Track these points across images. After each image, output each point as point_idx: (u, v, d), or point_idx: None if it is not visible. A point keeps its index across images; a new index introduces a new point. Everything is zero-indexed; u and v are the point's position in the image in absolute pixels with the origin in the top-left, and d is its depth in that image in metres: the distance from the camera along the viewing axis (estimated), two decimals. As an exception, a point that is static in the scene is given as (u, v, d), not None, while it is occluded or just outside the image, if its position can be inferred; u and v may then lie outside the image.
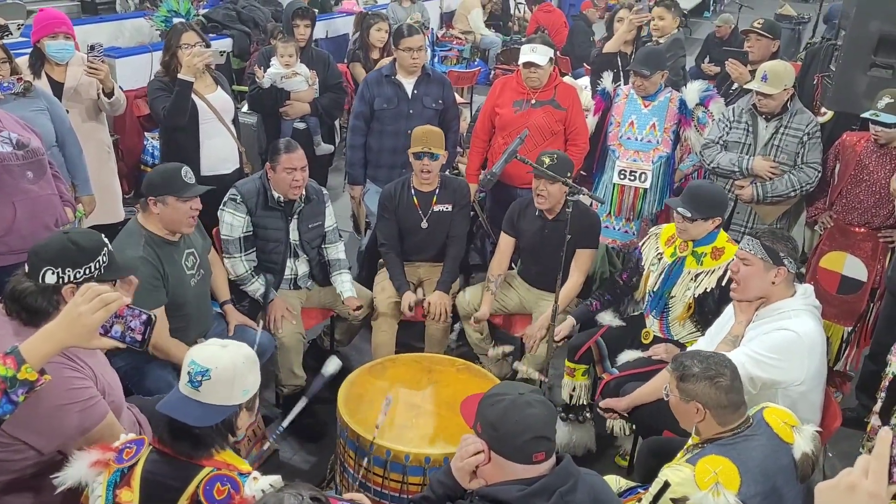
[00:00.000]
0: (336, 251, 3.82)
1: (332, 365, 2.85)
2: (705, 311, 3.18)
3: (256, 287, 3.56)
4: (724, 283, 3.10)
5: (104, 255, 2.13)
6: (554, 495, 1.78)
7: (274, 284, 3.62)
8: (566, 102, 4.15)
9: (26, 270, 2.06)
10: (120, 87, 5.65)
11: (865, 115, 3.57)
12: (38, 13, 3.79)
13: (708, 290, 3.14)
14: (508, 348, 3.63)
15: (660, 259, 3.32)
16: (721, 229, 3.22)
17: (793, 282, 2.70)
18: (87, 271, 2.08)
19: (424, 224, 3.86)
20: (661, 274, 3.29)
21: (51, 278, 2.03)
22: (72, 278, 2.05)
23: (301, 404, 2.73)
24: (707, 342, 2.90)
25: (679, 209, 3.11)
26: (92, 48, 3.67)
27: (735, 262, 2.73)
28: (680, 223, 3.17)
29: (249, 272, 3.56)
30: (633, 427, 3.25)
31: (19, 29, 5.19)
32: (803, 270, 4.12)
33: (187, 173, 2.96)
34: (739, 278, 2.70)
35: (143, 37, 6.50)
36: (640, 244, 3.50)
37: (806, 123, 3.80)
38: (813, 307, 2.69)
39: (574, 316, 3.56)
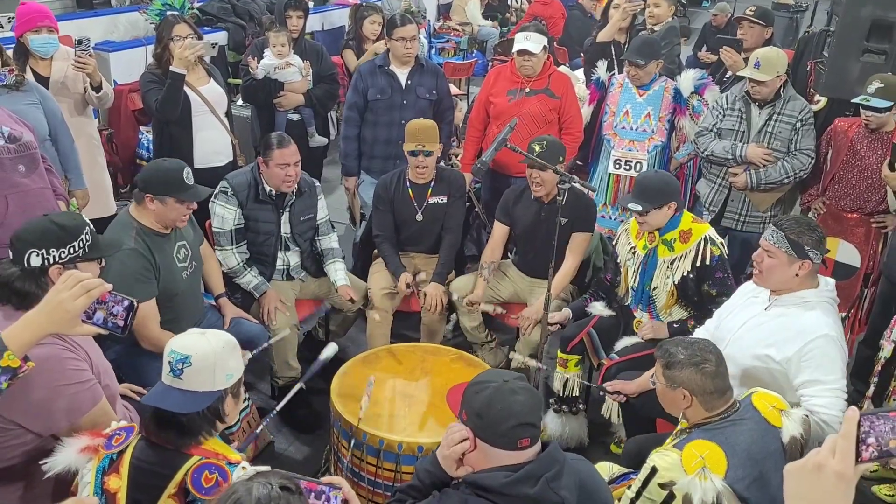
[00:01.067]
0: (329, 241, 3.81)
1: (330, 349, 2.87)
2: (689, 294, 3.18)
3: (249, 280, 3.55)
4: (698, 265, 3.11)
5: (87, 233, 2.14)
6: (539, 481, 1.78)
7: (266, 276, 3.62)
8: (560, 91, 4.15)
9: (11, 257, 2.07)
10: (115, 80, 5.67)
11: (856, 100, 3.57)
12: (19, 7, 3.74)
13: (685, 274, 3.14)
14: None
15: (633, 254, 3.31)
16: (683, 212, 3.19)
17: (816, 273, 2.65)
18: (72, 250, 2.09)
19: (419, 216, 3.86)
20: (637, 268, 3.28)
21: (36, 260, 2.04)
22: (57, 259, 2.07)
23: (295, 389, 2.74)
24: (703, 335, 2.89)
25: (630, 205, 3.10)
26: (79, 42, 3.66)
27: (759, 253, 2.67)
28: (638, 218, 3.17)
29: (241, 265, 3.55)
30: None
31: (10, 22, 5.16)
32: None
33: (188, 175, 2.93)
34: (763, 269, 2.65)
35: (137, 31, 6.48)
36: (613, 242, 3.50)
37: (799, 110, 3.80)
38: (832, 300, 2.64)
39: (571, 308, 3.55)
